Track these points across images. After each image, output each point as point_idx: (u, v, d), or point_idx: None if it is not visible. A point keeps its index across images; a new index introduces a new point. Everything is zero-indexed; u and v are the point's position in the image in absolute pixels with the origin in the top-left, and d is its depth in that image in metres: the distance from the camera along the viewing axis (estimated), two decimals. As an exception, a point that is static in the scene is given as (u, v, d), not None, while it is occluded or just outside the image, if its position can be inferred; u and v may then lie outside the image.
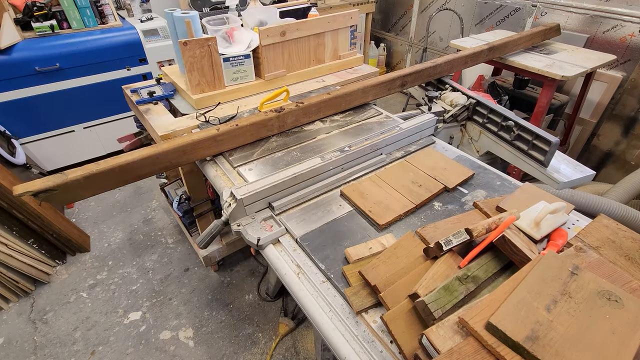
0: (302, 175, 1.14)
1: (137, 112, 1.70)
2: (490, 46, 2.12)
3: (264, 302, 2.05)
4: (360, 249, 0.96)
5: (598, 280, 0.71)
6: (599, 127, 2.76)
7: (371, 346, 0.77)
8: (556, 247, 0.89)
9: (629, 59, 2.49)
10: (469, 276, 0.80)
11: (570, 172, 1.46)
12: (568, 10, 2.68)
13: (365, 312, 0.83)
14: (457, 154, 1.39)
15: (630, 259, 0.85)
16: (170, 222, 2.63)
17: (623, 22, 2.43)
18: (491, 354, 0.63)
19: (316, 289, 0.91)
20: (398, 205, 1.10)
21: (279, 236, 1.05)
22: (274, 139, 1.45)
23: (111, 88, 2.82)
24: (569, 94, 2.79)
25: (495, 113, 1.65)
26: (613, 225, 0.95)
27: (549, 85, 2.20)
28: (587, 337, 0.62)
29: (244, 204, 1.06)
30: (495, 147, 1.69)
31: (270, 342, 1.85)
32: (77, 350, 1.85)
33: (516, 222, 0.95)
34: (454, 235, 0.86)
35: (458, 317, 0.69)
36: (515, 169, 2.18)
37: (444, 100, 1.78)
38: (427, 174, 1.23)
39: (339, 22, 1.88)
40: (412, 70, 1.73)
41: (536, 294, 0.69)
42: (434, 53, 3.88)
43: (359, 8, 3.65)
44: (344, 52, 2.01)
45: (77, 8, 2.63)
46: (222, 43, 1.72)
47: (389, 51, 4.52)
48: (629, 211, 1.79)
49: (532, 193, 1.10)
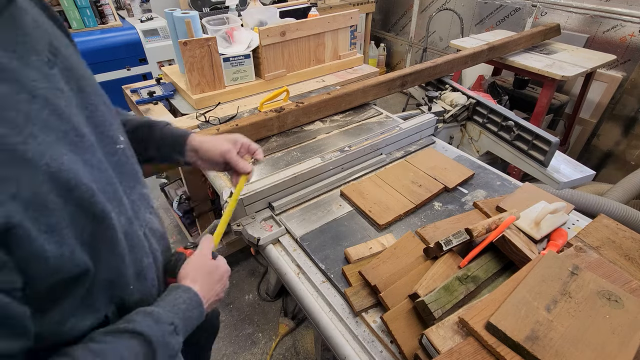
0: (302, 175, 1.14)
1: (137, 112, 1.70)
2: (490, 46, 2.12)
3: (264, 302, 2.05)
4: (360, 249, 0.96)
5: (598, 280, 0.71)
6: (599, 127, 2.76)
7: (371, 346, 0.77)
8: (556, 247, 0.89)
9: (629, 59, 2.49)
10: (469, 276, 0.80)
11: (570, 172, 1.46)
12: (568, 10, 2.68)
13: (365, 312, 0.83)
14: (457, 154, 1.39)
15: (630, 259, 0.85)
16: (170, 222, 2.63)
17: (623, 22, 2.43)
18: (491, 354, 0.63)
19: (316, 289, 0.91)
20: (398, 205, 1.10)
21: (279, 236, 1.05)
22: (274, 139, 1.45)
23: (111, 88, 2.79)
24: (569, 94, 2.79)
25: (495, 113, 1.65)
26: (613, 225, 0.95)
27: (549, 85, 2.20)
28: (587, 337, 0.62)
29: (244, 204, 1.06)
30: (495, 147, 1.69)
31: (270, 342, 1.85)
32: (77, 350, 1.85)
33: (516, 222, 0.95)
34: (454, 235, 0.86)
35: (458, 317, 0.69)
36: (515, 169, 2.18)
37: (444, 100, 1.78)
38: (427, 174, 1.23)
39: (339, 22, 1.88)
40: (412, 70, 1.73)
41: (536, 294, 0.69)
42: (434, 53, 3.88)
43: (359, 8, 3.64)
44: (344, 52, 2.01)
45: (77, 8, 2.63)
46: (222, 43, 1.72)
47: (389, 51, 4.52)
48: (629, 211, 1.79)
49: (532, 193, 1.10)
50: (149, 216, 0.62)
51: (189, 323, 0.59)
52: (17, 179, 0.34)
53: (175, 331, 0.56)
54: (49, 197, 0.37)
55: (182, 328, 0.57)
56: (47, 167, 0.36)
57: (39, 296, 0.39)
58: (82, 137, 0.44)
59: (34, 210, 0.35)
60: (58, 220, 0.38)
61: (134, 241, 0.53)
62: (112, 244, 0.47)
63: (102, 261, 0.45)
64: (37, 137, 0.36)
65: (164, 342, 0.53)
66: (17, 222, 0.33)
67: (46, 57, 0.42)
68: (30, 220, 0.35)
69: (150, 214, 0.63)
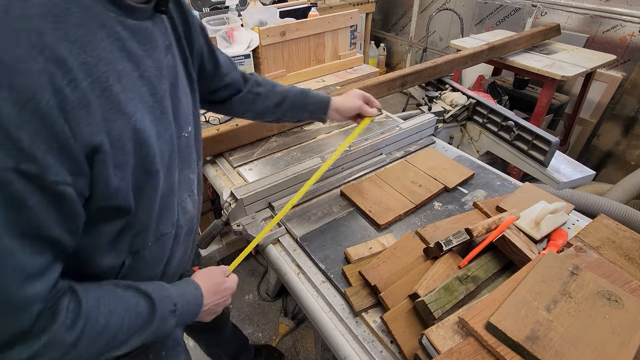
0: (302, 175, 1.14)
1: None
2: (490, 46, 2.12)
3: (264, 302, 2.05)
4: (360, 249, 0.96)
5: (598, 280, 0.71)
6: (599, 127, 2.76)
7: (371, 346, 0.77)
8: (556, 247, 0.89)
9: (629, 59, 2.49)
10: (469, 276, 0.80)
11: (570, 172, 1.46)
12: (568, 10, 2.68)
13: (365, 312, 0.83)
14: (457, 154, 1.39)
15: (630, 259, 0.85)
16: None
17: (623, 22, 2.43)
18: (491, 354, 0.63)
19: (316, 289, 0.91)
20: (398, 205, 1.10)
21: (279, 236, 1.05)
22: (274, 139, 1.45)
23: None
24: (569, 94, 2.79)
25: (495, 113, 1.65)
26: (613, 225, 0.95)
27: (549, 85, 2.20)
28: (587, 337, 0.62)
29: (244, 204, 1.06)
30: (495, 147, 1.69)
31: (270, 342, 1.85)
32: (77, 350, 1.85)
33: (516, 222, 0.95)
34: (454, 235, 0.86)
35: (458, 317, 0.69)
36: (515, 169, 2.18)
37: (444, 100, 1.78)
38: (427, 174, 1.23)
39: (339, 22, 1.88)
40: (412, 70, 1.73)
41: (536, 294, 0.69)
42: (434, 53, 3.88)
43: (359, 8, 3.64)
44: (344, 52, 2.01)
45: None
46: (222, 43, 1.72)
47: (389, 51, 4.52)
48: (629, 211, 1.79)
49: (532, 193, 1.10)
50: (186, 197, 0.71)
51: (185, 314, 0.66)
52: (113, 122, 0.47)
53: (174, 313, 0.63)
54: (127, 143, 0.49)
55: (179, 314, 0.64)
56: (134, 123, 0.50)
57: (89, 213, 0.50)
58: (164, 115, 0.58)
59: (115, 148, 0.47)
60: (126, 162, 0.50)
61: (166, 207, 0.63)
62: (150, 200, 0.58)
63: (138, 210, 0.56)
64: (135, 102, 0.51)
65: (163, 317, 0.61)
66: (104, 150, 0.45)
67: (163, 53, 0.59)
68: (111, 153, 0.46)
69: (188, 196, 0.72)
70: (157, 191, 0.58)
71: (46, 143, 0.40)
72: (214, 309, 0.75)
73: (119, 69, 0.48)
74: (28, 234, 0.43)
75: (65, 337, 0.48)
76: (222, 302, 0.77)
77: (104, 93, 0.45)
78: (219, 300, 0.75)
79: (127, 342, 0.57)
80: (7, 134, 0.38)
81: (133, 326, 0.57)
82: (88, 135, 0.43)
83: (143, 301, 0.59)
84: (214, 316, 0.78)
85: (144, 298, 0.59)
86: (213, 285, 0.74)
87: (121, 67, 0.49)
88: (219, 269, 0.79)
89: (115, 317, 0.54)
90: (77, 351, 0.50)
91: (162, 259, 0.68)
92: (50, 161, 0.41)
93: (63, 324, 0.48)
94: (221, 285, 0.76)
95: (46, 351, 0.47)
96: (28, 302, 0.44)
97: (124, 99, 0.48)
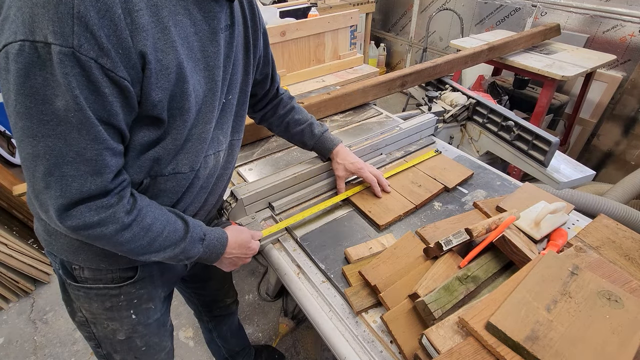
0: (302, 175, 1.14)
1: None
2: (490, 46, 2.12)
3: (264, 302, 2.05)
4: (360, 249, 0.96)
5: (598, 280, 0.71)
6: (599, 127, 2.76)
7: (371, 346, 0.77)
8: (556, 247, 0.89)
9: (629, 59, 2.49)
10: (469, 276, 0.80)
11: (570, 172, 1.46)
12: (568, 10, 2.68)
13: (365, 312, 0.83)
14: (457, 154, 1.39)
15: (630, 259, 0.85)
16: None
17: (623, 22, 2.43)
18: (491, 354, 0.63)
19: (316, 289, 0.91)
20: (398, 206, 1.10)
21: (279, 236, 1.05)
22: (274, 139, 1.45)
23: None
24: (569, 94, 2.79)
25: (495, 113, 1.65)
26: (613, 225, 0.95)
27: (549, 85, 2.20)
28: (587, 337, 0.62)
29: (244, 204, 1.06)
30: (495, 147, 1.69)
31: (270, 342, 1.85)
32: (77, 351, 1.85)
33: (516, 222, 0.95)
34: (454, 235, 0.86)
35: (458, 317, 0.69)
36: (515, 169, 2.18)
37: (444, 100, 1.78)
38: (427, 174, 1.23)
39: (338, 22, 1.88)
40: (412, 70, 1.73)
41: (536, 294, 0.69)
42: (434, 53, 3.88)
43: (359, 8, 3.64)
44: (343, 52, 2.01)
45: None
46: (222, 43, 1.72)
47: (389, 51, 4.52)
48: (629, 211, 1.79)
49: (532, 193, 1.10)
50: (211, 154, 0.78)
51: (210, 248, 0.79)
52: (163, 52, 0.58)
53: (202, 242, 0.76)
54: (171, 72, 0.60)
55: (205, 245, 0.77)
56: (180, 60, 0.61)
57: (135, 118, 0.61)
58: (207, 72, 0.68)
59: (160, 69, 0.58)
60: (167, 86, 0.60)
61: (190, 149, 0.71)
62: (178, 131, 0.66)
63: (166, 133, 0.66)
64: (184, 48, 0.62)
65: (193, 240, 0.74)
66: (151, 67, 0.56)
67: (222, 27, 0.69)
68: (155, 71, 0.57)
69: (214, 154, 0.79)
70: (185, 126, 0.67)
71: (116, 46, 0.52)
72: (235, 260, 0.87)
73: (178, 19, 0.60)
74: (103, 120, 0.55)
75: (123, 218, 0.62)
76: (243, 257, 0.89)
77: (163, 30, 0.57)
78: (241, 254, 0.87)
79: (162, 250, 0.70)
80: (92, 33, 0.49)
81: (170, 238, 0.70)
82: (144, 51, 0.55)
83: (180, 221, 0.72)
84: (233, 268, 0.90)
85: (181, 220, 0.73)
86: (239, 240, 0.86)
87: (180, 18, 0.60)
88: (249, 231, 0.91)
89: (158, 223, 0.68)
90: (127, 235, 0.63)
91: (173, 196, 0.76)
92: (118, 61, 0.52)
93: (124, 207, 0.62)
94: (246, 243, 0.88)
95: (108, 223, 0.60)
96: (111, 168, 0.59)
97: (177, 40, 0.59)
